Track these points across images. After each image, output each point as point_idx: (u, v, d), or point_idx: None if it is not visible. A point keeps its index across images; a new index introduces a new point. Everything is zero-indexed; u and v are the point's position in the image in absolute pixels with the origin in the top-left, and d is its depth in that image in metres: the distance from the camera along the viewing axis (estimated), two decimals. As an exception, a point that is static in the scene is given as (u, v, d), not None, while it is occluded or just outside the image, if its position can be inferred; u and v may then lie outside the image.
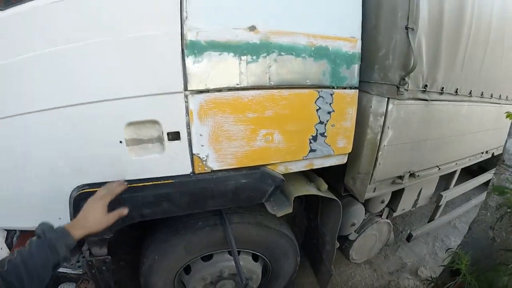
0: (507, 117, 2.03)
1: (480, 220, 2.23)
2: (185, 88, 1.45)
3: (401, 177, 2.35)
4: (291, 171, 1.90)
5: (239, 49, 1.47)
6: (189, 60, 1.41)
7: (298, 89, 1.66)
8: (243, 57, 1.49)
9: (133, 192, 1.56)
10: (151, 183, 1.60)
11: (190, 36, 1.38)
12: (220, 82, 1.50)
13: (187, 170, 1.63)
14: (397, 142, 2.06)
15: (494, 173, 2.13)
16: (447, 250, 2.43)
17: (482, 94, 2.73)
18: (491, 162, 3.65)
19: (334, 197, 2.14)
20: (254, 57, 1.51)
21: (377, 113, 1.90)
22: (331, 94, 1.73)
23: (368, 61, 1.86)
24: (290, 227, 2.39)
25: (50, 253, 1.12)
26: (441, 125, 2.41)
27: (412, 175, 2.42)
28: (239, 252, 2.14)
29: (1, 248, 1.94)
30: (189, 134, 1.54)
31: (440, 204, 3.25)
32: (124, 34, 1.34)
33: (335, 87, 1.74)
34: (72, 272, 2.20)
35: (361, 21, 1.74)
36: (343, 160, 2.02)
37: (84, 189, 1.52)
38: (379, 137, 1.94)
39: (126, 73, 1.38)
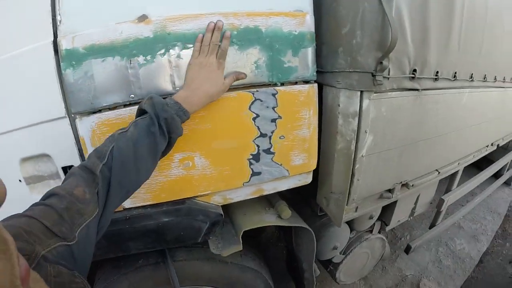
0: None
1: (495, 251, 1.63)
2: (69, 112, 1.09)
3: (391, 190, 1.78)
4: (233, 201, 1.35)
5: (127, 50, 1.01)
6: (67, 75, 1.02)
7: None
8: (132, 60, 1.02)
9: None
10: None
11: (65, 44, 0.99)
12: (111, 97, 1.05)
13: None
14: (380, 149, 1.49)
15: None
16: None
17: (485, 78, 2.13)
18: (497, 151, 3.07)
19: (301, 225, 1.59)
20: (149, 57, 1.03)
21: (348, 114, 1.32)
22: (273, 94, 1.16)
23: (328, 42, 1.28)
24: (262, 253, 1.92)
25: (162, 136, 0.93)
26: (438, 120, 1.81)
27: (405, 185, 1.85)
28: None
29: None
30: None
31: (441, 210, 2.67)
32: None
33: (278, 84, 1.17)
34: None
35: (310, -13, 1.16)
36: (306, 179, 1.45)
37: None
38: (353, 146, 1.35)
39: (8, 102, 1.11)
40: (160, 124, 0.92)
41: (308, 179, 1.44)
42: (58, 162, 1.17)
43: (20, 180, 1.20)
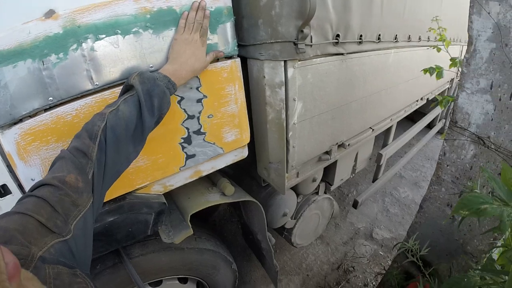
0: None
1: (433, 197, 1.75)
2: None
3: (328, 152, 1.83)
4: (174, 188, 1.32)
5: (37, 50, 0.91)
6: None
7: None
8: (45, 61, 0.92)
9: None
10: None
11: None
12: (29, 104, 0.96)
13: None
14: (311, 115, 1.52)
15: (445, 139, 1.63)
16: (395, 245, 1.96)
17: (409, 38, 2.22)
18: (429, 104, 3.24)
19: (247, 198, 1.60)
20: (62, 55, 0.93)
21: (274, 84, 1.32)
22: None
23: (247, 15, 1.26)
24: (219, 232, 1.91)
25: (150, 114, 0.91)
26: (366, 80, 1.88)
27: (341, 145, 1.92)
28: (160, 282, 1.73)
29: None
30: (19, 183, 1.07)
31: (381, 164, 2.83)
32: None
33: None
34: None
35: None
36: (242, 154, 1.44)
37: None
38: (284, 115, 1.36)
39: None
40: (152, 100, 0.91)
41: (244, 153, 1.45)
42: None
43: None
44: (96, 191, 0.77)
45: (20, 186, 1.08)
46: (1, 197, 1.07)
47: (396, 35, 2.03)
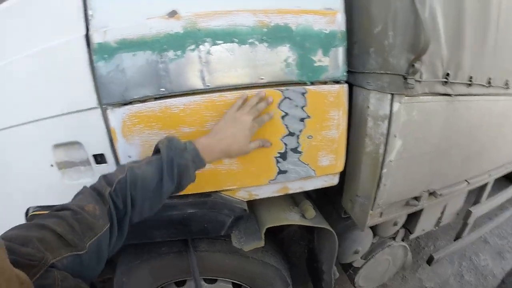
0: None
1: None
2: (100, 103, 1.09)
3: (417, 198, 1.70)
4: (258, 198, 1.33)
5: (157, 45, 1.02)
6: (99, 68, 1.04)
7: (249, 90, 1.11)
8: (164, 54, 1.03)
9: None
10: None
11: (97, 38, 1.02)
12: (142, 90, 1.07)
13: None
14: (409, 154, 1.42)
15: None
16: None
17: (523, 86, 2.02)
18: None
19: (324, 226, 1.54)
20: (179, 52, 1.03)
21: (378, 116, 1.27)
22: (303, 93, 1.13)
23: (360, 42, 1.24)
24: (284, 251, 1.91)
25: (171, 180, 0.90)
26: (471, 127, 1.72)
27: (432, 194, 1.77)
28: (215, 280, 1.77)
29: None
30: (115, 156, 1.18)
31: (468, 222, 2.54)
32: (31, 49, 1.08)
33: (308, 83, 1.14)
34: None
35: (341, -15, 1.14)
36: (332, 181, 1.41)
37: (35, 211, 1.16)
38: (382, 149, 1.30)
39: (42, 91, 1.13)
40: (173, 169, 0.90)
41: (335, 180, 1.40)
42: (89, 150, 1.19)
43: (52, 165, 1.22)
44: (113, 223, 0.80)
45: (116, 159, 1.19)
46: (97, 164, 1.20)
47: (507, 81, 1.84)
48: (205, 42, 1.03)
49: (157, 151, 0.96)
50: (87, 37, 1.02)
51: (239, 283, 1.77)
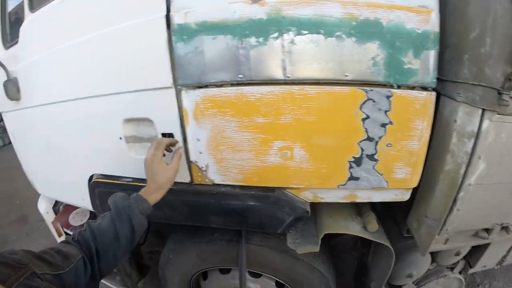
0: None
1: None
2: (175, 83, 1.10)
3: (488, 230, 1.52)
4: (323, 201, 1.27)
5: (239, 30, 0.99)
6: (177, 49, 1.06)
7: (331, 86, 1.02)
8: (245, 40, 1.00)
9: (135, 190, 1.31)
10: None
11: (177, 19, 1.03)
12: (218, 74, 1.06)
13: (186, 178, 1.30)
14: (490, 181, 1.25)
15: None
16: None
17: None
18: None
19: (385, 243, 1.44)
20: (261, 39, 0.99)
21: (464, 133, 1.13)
22: (388, 97, 1.04)
23: (453, 47, 1.11)
24: (334, 258, 1.84)
25: (122, 223, 0.99)
26: None
27: (505, 228, 1.57)
28: (259, 275, 1.75)
29: (48, 212, 2.23)
30: (184, 137, 1.20)
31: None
32: (111, 26, 1.15)
33: (395, 86, 1.04)
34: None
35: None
36: (403, 196, 1.29)
37: (98, 179, 1.48)
38: (463, 170, 1.16)
39: (118, 67, 1.19)
40: (121, 213, 0.99)
41: (406, 196, 1.29)
42: (158, 128, 1.22)
43: (120, 138, 1.29)
44: (84, 257, 0.89)
45: (184, 140, 1.20)
46: None
47: None
48: (290, 31, 0.97)
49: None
50: (168, 18, 1.03)
51: (282, 282, 1.73)
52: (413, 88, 1.07)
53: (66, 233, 2.31)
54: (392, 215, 1.72)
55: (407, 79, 1.05)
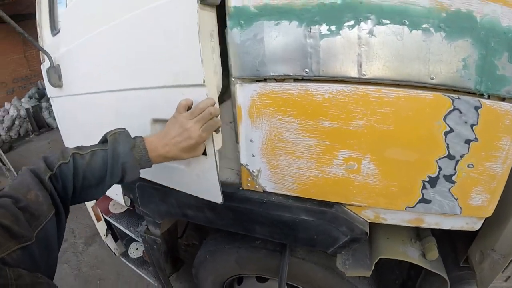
0: None
1: None
2: (231, 74, 0.99)
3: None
4: (385, 223, 1.10)
5: (308, 15, 0.83)
6: (233, 35, 0.92)
7: (414, 90, 0.85)
8: (312, 28, 0.84)
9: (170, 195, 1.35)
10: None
11: (234, 1, 0.89)
12: (280, 67, 0.91)
13: (235, 181, 1.22)
14: None
15: None
16: None
17: None
18: None
19: (442, 274, 1.26)
20: (333, 28, 0.83)
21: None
22: (477, 108, 0.86)
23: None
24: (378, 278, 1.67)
25: (115, 170, 0.84)
26: None
27: None
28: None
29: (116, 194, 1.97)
30: (235, 136, 1.08)
31: None
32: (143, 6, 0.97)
33: (485, 95, 0.86)
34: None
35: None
36: (474, 226, 1.09)
37: None
38: (546, 204, 0.99)
39: (150, 56, 1.04)
40: (117, 166, 0.84)
41: (477, 225, 1.09)
42: None
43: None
44: (58, 210, 0.76)
45: (236, 139, 1.09)
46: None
47: None
48: (368, 19, 0.81)
49: (104, 140, 0.89)
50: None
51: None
52: (503, 99, 0.90)
53: (105, 219, 2.31)
54: (449, 238, 1.53)
55: (499, 88, 0.86)
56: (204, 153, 0.97)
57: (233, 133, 1.08)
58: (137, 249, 2.38)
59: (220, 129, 0.98)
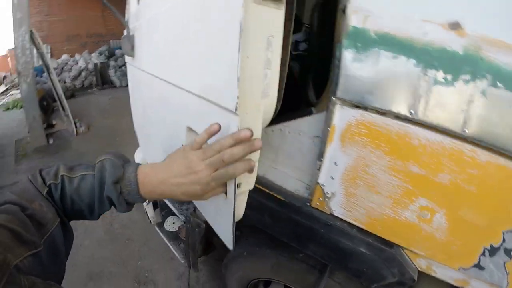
0: None
1: None
2: (334, 93, 0.96)
3: None
4: (435, 275, 1.14)
5: (427, 57, 0.81)
6: (346, 55, 0.90)
7: (506, 160, 0.82)
8: (429, 71, 0.82)
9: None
10: (262, 187, 1.31)
11: (355, 21, 0.86)
12: (386, 101, 0.90)
13: (303, 195, 1.25)
14: None
15: None
16: None
17: None
18: None
19: None
20: (449, 77, 0.80)
21: None
22: None
23: None
24: None
25: (102, 202, 0.77)
26: None
27: None
28: None
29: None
30: (321, 154, 1.09)
31: None
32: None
33: None
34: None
35: None
36: (510, 302, 1.15)
37: None
38: None
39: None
40: (103, 198, 0.77)
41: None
42: None
43: (183, 145, 1.02)
44: (62, 220, 0.74)
45: (320, 156, 1.09)
46: None
47: None
48: (484, 78, 0.76)
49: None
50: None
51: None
52: None
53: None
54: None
55: None
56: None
57: (315, 149, 1.10)
58: (173, 223, 2.41)
59: (256, 168, 0.77)
